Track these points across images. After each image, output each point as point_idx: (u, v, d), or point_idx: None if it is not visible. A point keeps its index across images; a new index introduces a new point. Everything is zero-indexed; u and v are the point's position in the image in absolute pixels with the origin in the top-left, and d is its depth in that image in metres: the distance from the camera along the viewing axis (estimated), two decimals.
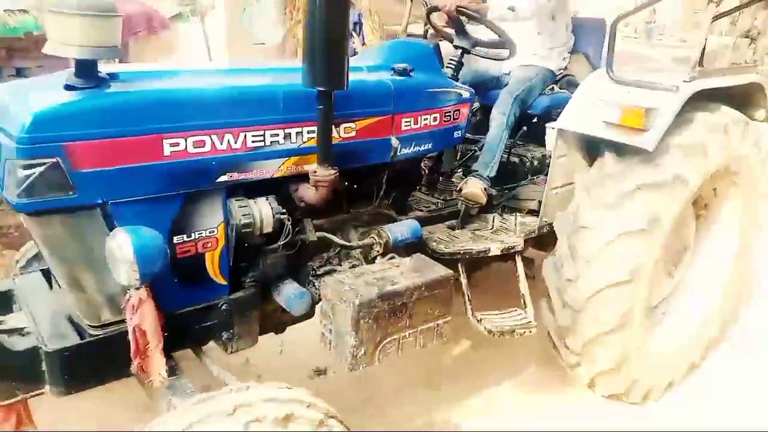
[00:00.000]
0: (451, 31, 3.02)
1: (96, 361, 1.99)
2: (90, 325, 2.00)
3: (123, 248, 1.73)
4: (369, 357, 2.26)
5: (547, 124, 3.00)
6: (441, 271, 2.44)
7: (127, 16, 6.14)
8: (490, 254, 2.77)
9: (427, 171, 3.05)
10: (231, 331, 2.29)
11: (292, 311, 2.38)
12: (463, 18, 2.98)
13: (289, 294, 2.36)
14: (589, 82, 2.79)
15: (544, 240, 3.04)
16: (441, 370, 3.32)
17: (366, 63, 2.63)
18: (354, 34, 9.79)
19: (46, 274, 2.38)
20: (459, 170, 3.39)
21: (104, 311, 2.00)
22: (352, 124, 2.34)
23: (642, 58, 4.87)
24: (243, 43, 10.53)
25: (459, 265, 2.74)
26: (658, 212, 2.52)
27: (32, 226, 1.87)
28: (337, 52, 1.95)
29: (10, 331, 2.02)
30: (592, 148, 2.86)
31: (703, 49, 2.72)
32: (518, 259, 2.88)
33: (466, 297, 2.72)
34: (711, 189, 3.05)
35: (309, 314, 2.55)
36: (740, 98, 2.95)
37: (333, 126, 2.20)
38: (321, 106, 2.07)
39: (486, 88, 3.30)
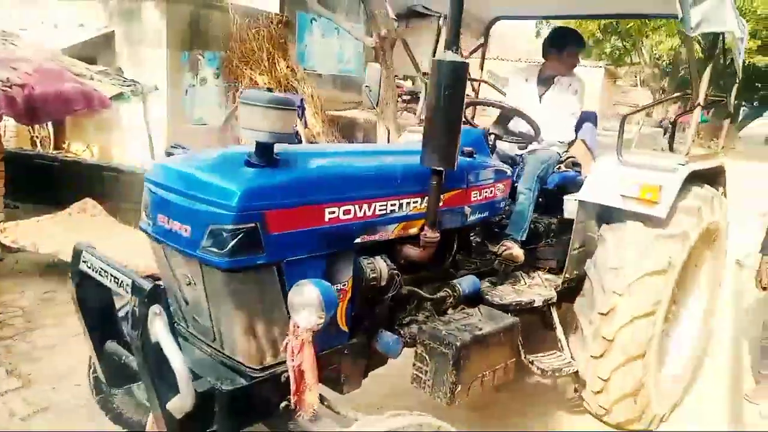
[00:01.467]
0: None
1: (257, 399, 2.24)
2: (252, 368, 2.26)
3: (313, 296, 2.07)
4: (463, 393, 2.64)
5: (565, 197, 3.60)
6: (510, 319, 2.92)
7: (66, 95, 6.27)
8: (534, 305, 3.26)
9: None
10: (347, 373, 2.60)
11: (390, 355, 2.74)
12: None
13: (388, 341, 2.71)
14: (601, 164, 3.45)
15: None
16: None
17: None
18: (298, 118, 10.32)
19: None
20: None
21: (266, 356, 2.27)
22: (441, 196, 2.80)
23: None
24: (184, 124, 10.76)
25: (509, 314, 3.20)
26: (672, 256, 3.17)
27: (216, 282, 2.16)
28: (452, 138, 2.42)
29: None
30: (604, 216, 3.48)
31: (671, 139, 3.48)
32: (554, 310, 3.39)
33: (519, 342, 3.16)
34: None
35: (385, 361, 2.89)
36: (708, 177, 3.72)
37: (425, 198, 2.68)
38: (434, 182, 2.53)
39: None
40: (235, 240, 2.03)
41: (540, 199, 3.81)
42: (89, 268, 2.16)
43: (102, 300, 2.33)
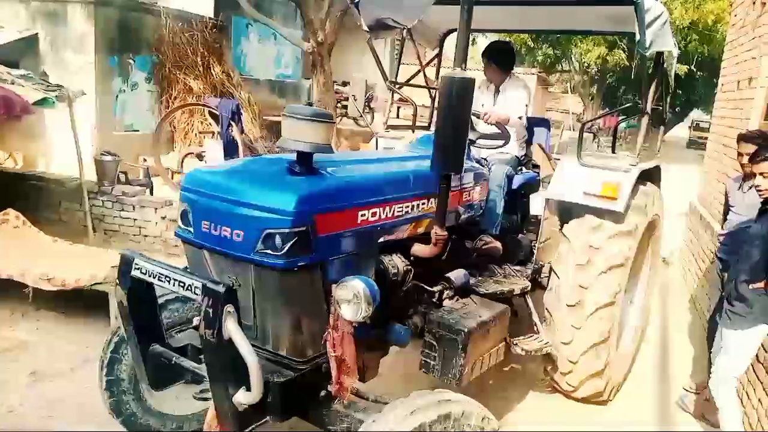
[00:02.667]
0: None
1: (303, 389, 2.41)
2: (297, 361, 2.42)
3: (360, 290, 2.27)
4: (469, 375, 2.92)
5: (532, 195, 3.95)
6: (501, 306, 3.24)
7: None
8: (514, 293, 3.58)
9: None
10: (368, 363, 2.80)
11: (400, 344, 2.95)
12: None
13: (400, 331, 2.93)
14: (563, 167, 3.83)
15: None
16: None
17: (423, 151, 3.36)
18: (233, 123, 10.23)
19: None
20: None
21: (308, 348, 2.44)
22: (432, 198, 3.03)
23: None
24: (114, 131, 10.42)
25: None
26: (627, 248, 3.62)
27: (266, 282, 2.30)
28: (459, 145, 2.65)
29: None
30: (564, 212, 3.85)
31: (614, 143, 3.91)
32: (528, 297, 3.72)
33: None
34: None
35: (388, 351, 3.10)
36: (649, 176, 4.18)
37: (430, 199, 2.92)
38: (443, 185, 2.77)
39: None
40: (291, 242, 2.20)
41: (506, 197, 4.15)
42: (143, 274, 2.24)
43: (149, 305, 2.40)
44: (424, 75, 5.01)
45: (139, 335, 2.41)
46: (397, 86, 4.63)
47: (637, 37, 3.26)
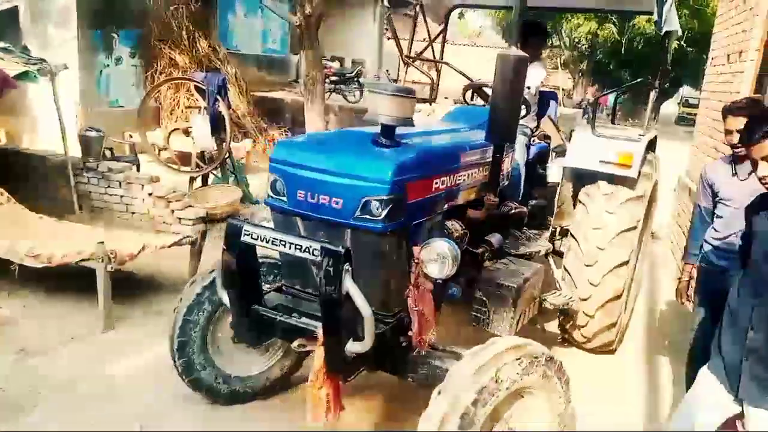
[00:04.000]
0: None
1: (391, 341, 2.61)
2: (386, 315, 2.63)
3: (450, 250, 2.48)
4: (515, 327, 3.18)
5: (549, 163, 4.20)
6: (537, 265, 3.52)
7: None
8: (541, 254, 3.85)
9: None
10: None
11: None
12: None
13: (453, 290, 3.20)
14: (578, 137, 4.08)
15: None
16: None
17: (464, 124, 3.54)
18: (219, 97, 10.13)
19: (278, 291, 2.88)
20: None
21: (394, 304, 2.64)
22: (481, 167, 3.25)
23: None
24: (99, 107, 10.16)
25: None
26: (638, 212, 3.97)
27: (362, 245, 2.47)
28: (513, 118, 2.86)
29: None
30: (579, 179, 4.12)
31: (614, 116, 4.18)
32: (550, 257, 3.99)
33: None
34: None
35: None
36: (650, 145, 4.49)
37: (477, 168, 3.12)
38: (497, 154, 2.98)
39: None
40: (387, 208, 2.40)
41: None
42: (255, 239, 2.38)
43: (252, 269, 2.55)
44: (432, 50, 5.16)
45: (243, 296, 2.56)
46: (412, 60, 4.78)
47: (655, 17, 3.50)
